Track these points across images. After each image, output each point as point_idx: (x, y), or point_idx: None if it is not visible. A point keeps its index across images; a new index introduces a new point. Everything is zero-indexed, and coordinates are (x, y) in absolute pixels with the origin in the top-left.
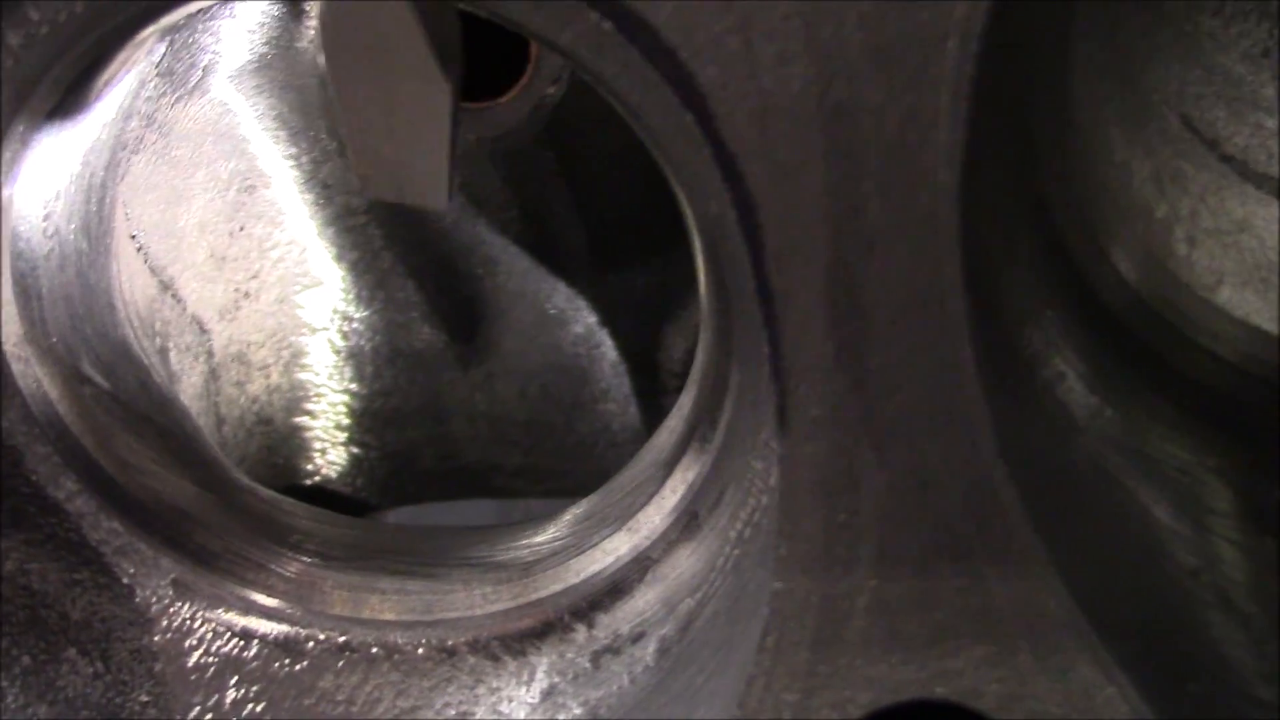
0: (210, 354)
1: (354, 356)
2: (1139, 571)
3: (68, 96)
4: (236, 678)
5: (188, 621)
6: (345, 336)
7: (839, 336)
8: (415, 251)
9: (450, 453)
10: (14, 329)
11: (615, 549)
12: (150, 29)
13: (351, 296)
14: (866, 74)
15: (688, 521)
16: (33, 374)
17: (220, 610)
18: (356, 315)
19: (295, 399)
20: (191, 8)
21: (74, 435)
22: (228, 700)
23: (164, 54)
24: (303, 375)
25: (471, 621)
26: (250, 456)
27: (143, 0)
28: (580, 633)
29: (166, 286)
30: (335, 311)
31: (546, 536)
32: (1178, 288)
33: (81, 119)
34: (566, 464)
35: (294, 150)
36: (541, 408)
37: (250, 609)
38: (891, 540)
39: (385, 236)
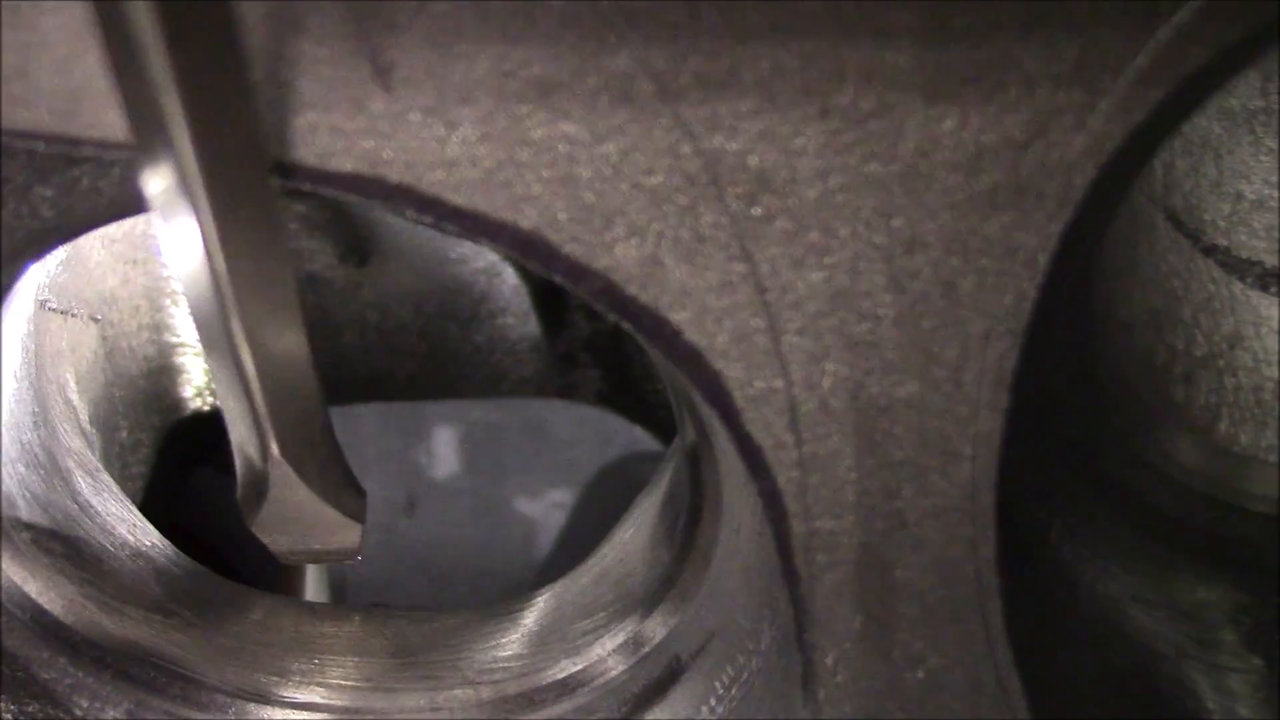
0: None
1: None
2: None
3: None
4: None
5: None
6: None
7: (867, 611)
8: None
9: (341, 363)
10: None
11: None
12: None
13: None
14: (903, 369)
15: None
16: None
17: None
18: None
19: (161, 324)
20: None
21: (15, 583)
22: None
23: None
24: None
25: None
26: (138, 395)
27: None
28: None
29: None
30: None
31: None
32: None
33: None
34: (463, 370)
35: None
36: (437, 322)
37: None
38: None
39: None
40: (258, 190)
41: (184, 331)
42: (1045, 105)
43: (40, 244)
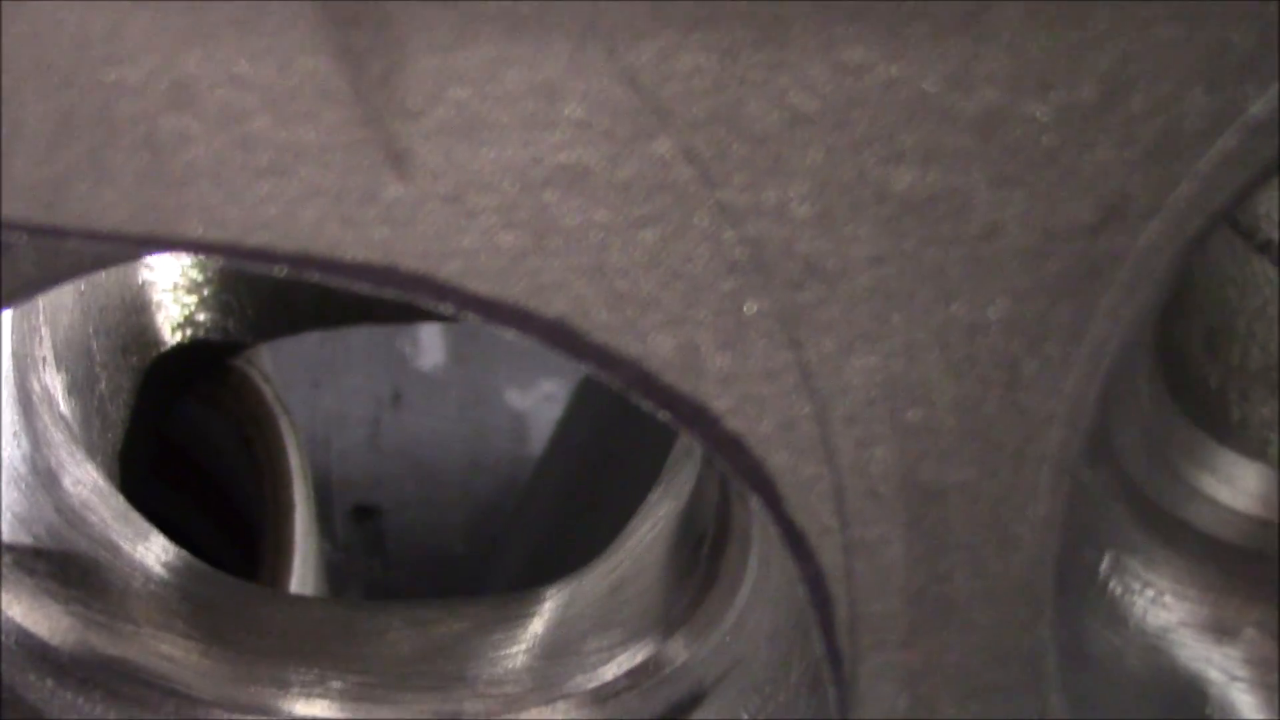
0: None
1: None
2: None
3: None
4: None
5: None
6: None
7: (913, 692)
8: None
9: (327, 289)
10: None
11: None
12: None
13: None
14: (958, 455)
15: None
16: None
17: None
18: None
19: (138, 263)
20: None
21: None
22: None
23: None
24: None
25: None
26: (116, 341)
27: None
28: None
29: None
30: None
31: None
32: None
33: None
34: None
35: None
36: None
37: None
38: None
39: None
40: None
41: (160, 267)
42: (1120, 188)
43: (20, 295)
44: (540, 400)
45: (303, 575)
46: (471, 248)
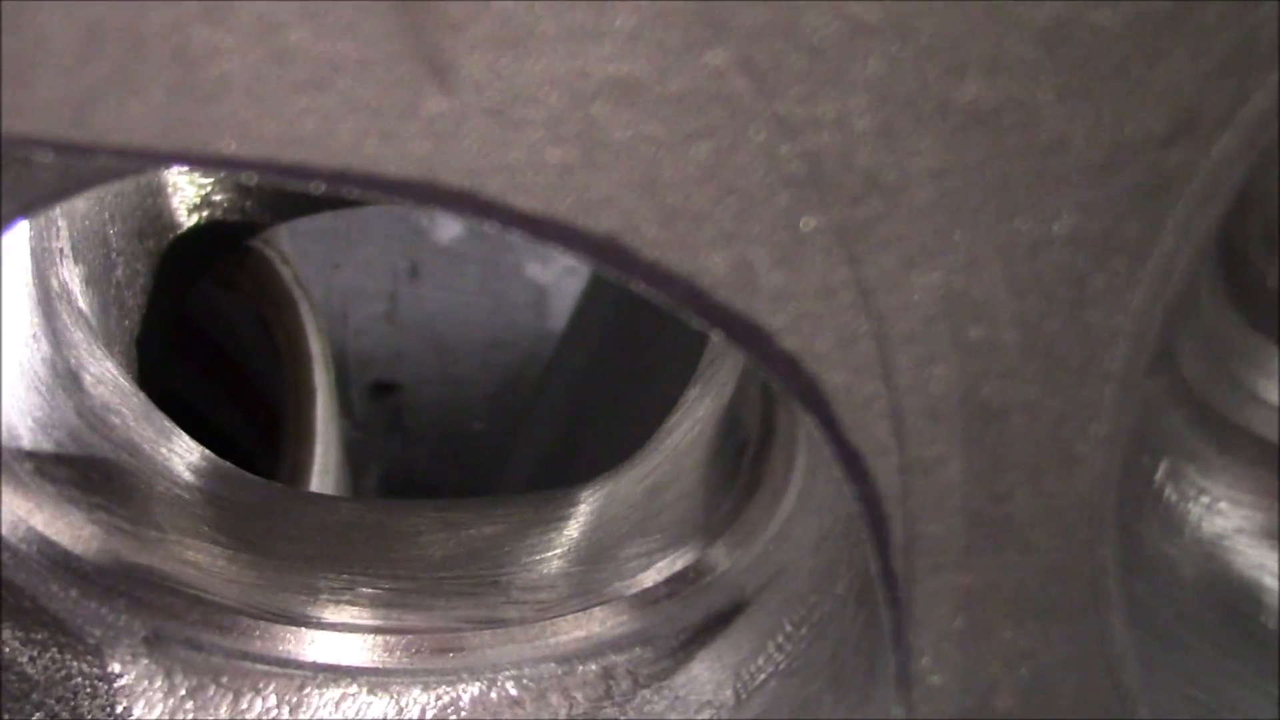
0: None
1: None
2: None
3: None
4: None
5: (163, 676)
6: None
7: (969, 613)
8: None
9: None
10: None
11: None
12: None
13: None
14: (1020, 373)
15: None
16: None
17: (198, 657)
18: None
19: None
20: None
21: (20, 516)
22: None
23: None
24: None
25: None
26: (133, 225)
27: None
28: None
29: None
30: None
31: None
32: None
33: None
34: None
35: None
36: None
37: (230, 655)
38: None
39: None
40: None
41: None
42: (1191, 101)
43: (41, 205)
44: (562, 273)
45: (325, 463)
46: (517, 163)
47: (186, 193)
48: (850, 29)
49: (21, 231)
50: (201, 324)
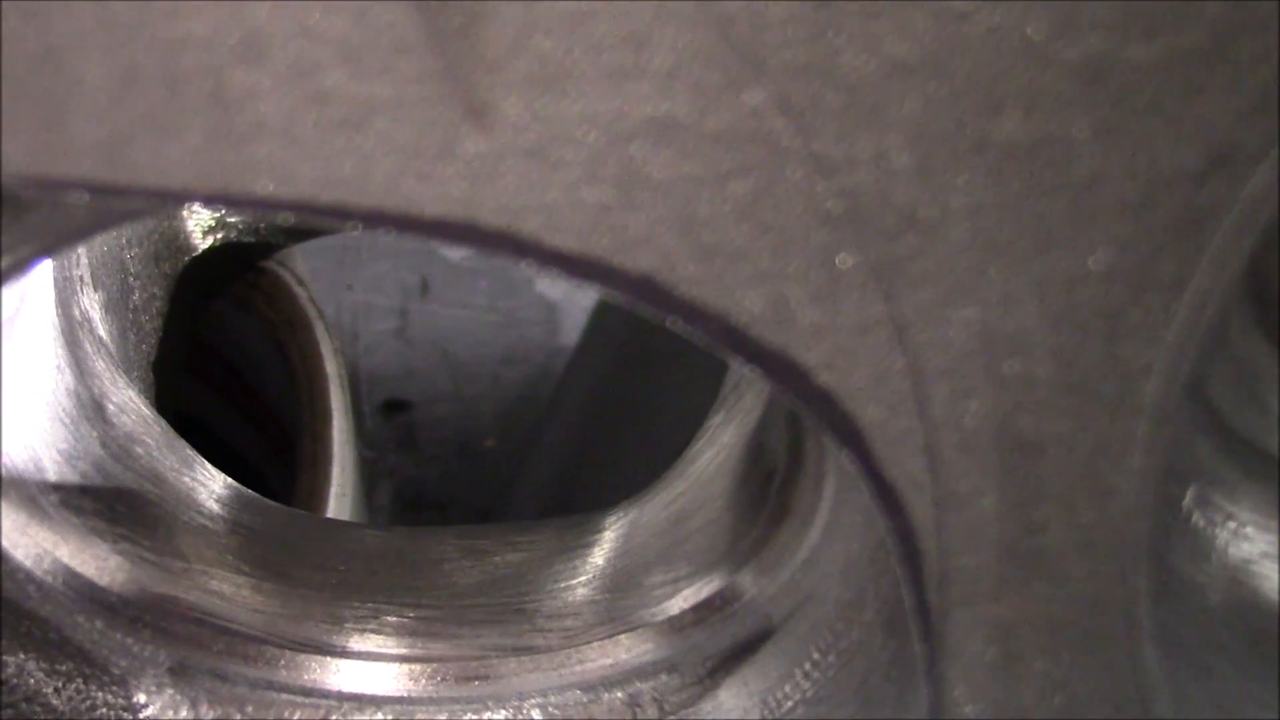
0: None
1: None
2: None
3: None
4: None
5: (188, 706)
6: None
7: (1003, 644)
8: None
9: None
10: None
11: None
12: None
13: None
14: (1055, 407)
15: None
16: None
17: (223, 687)
18: None
19: None
20: None
21: (45, 549)
22: None
23: None
24: None
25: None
26: (149, 249)
27: None
28: None
29: None
30: None
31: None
32: None
33: None
34: None
35: None
36: None
37: (255, 685)
38: None
39: None
40: None
41: None
42: (1226, 136)
43: (70, 242)
44: (573, 289)
45: (341, 486)
46: (554, 203)
47: (202, 215)
48: (887, 67)
49: (45, 264)
50: (216, 346)
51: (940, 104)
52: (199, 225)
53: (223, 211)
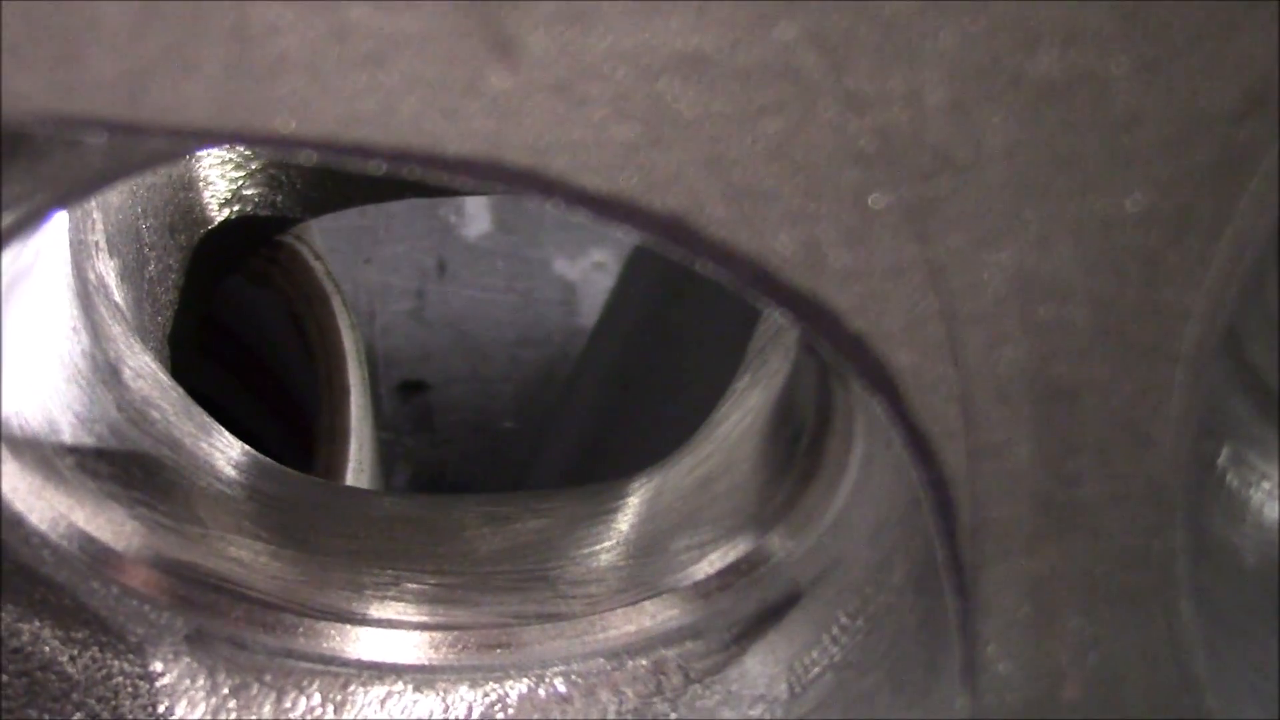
0: None
1: None
2: None
3: None
4: None
5: (205, 675)
6: None
7: (1036, 600)
8: None
9: None
10: None
11: None
12: None
13: None
14: (1091, 353)
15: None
16: None
17: (241, 655)
18: None
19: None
20: None
21: (61, 513)
22: None
23: None
24: None
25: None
26: (164, 220)
27: None
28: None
29: None
30: None
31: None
32: None
33: None
34: None
35: None
36: None
37: (273, 653)
38: None
39: None
40: None
41: None
42: (1265, 74)
43: (86, 191)
44: (590, 269)
45: (359, 461)
46: (582, 140)
47: (218, 187)
48: (922, 1)
49: (60, 224)
50: (231, 321)
51: (975, 39)
52: (215, 197)
53: (239, 183)
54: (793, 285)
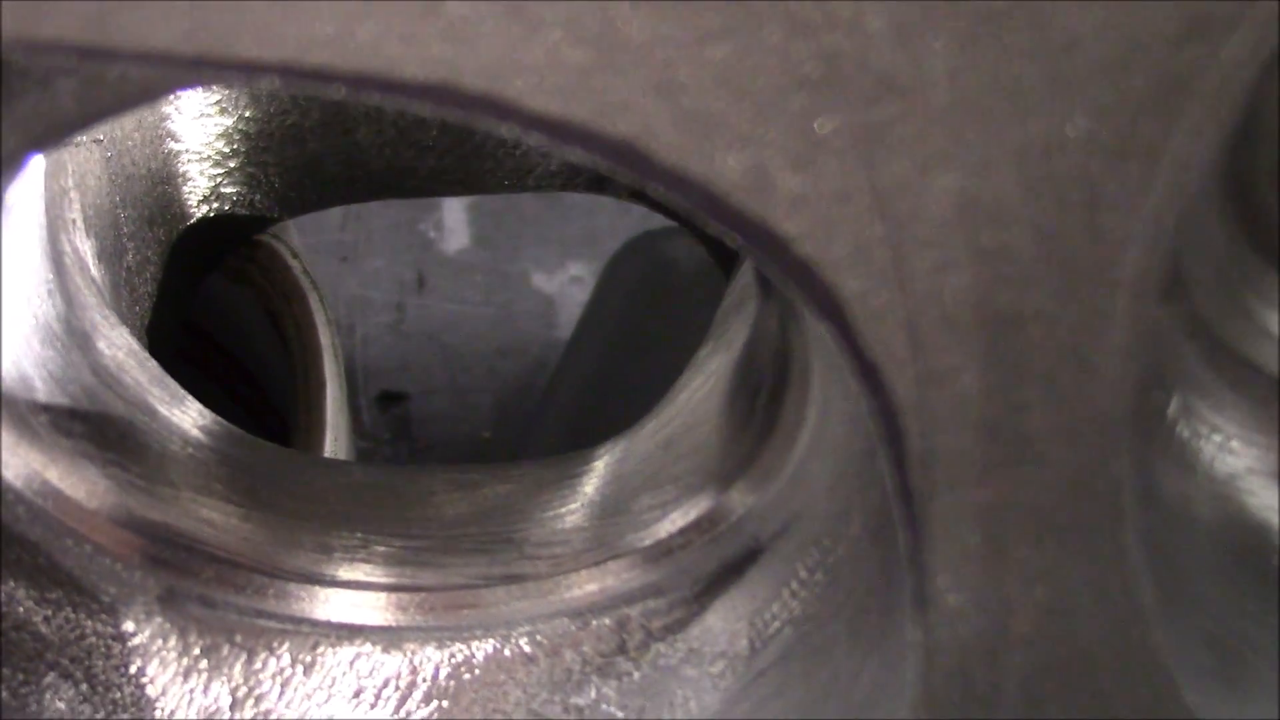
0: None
1: None
2: None
3: None
4: (232, 684)
5: (176, 635)
6: None
7: (985, 530)
8: None
9: (356, 160)
10: None
11: None
12: None
13: None
14: (1035, 280)
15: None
16: None
17: (212, 616)
18: None
19: (164, 133)
20: None
21: (35, 470)
22: (224, 707)
23: None
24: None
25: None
26: (143, 212)
27: None
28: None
29: None
30: None
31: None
32: None
33: None
34: (485, 164)
35: None
36: None
37: (244, 614)
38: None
39: None
40: None
41: (187, 138)
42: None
43: (58, 134)
44: (567, 282)
45: (334, 453)
46: (536, 64)
47: (197, 183)
48: None
49: (34, 195)
50: (210, 319)
51: None
52: (194, 193)
53: (217, 180)
54: (742, 210)
